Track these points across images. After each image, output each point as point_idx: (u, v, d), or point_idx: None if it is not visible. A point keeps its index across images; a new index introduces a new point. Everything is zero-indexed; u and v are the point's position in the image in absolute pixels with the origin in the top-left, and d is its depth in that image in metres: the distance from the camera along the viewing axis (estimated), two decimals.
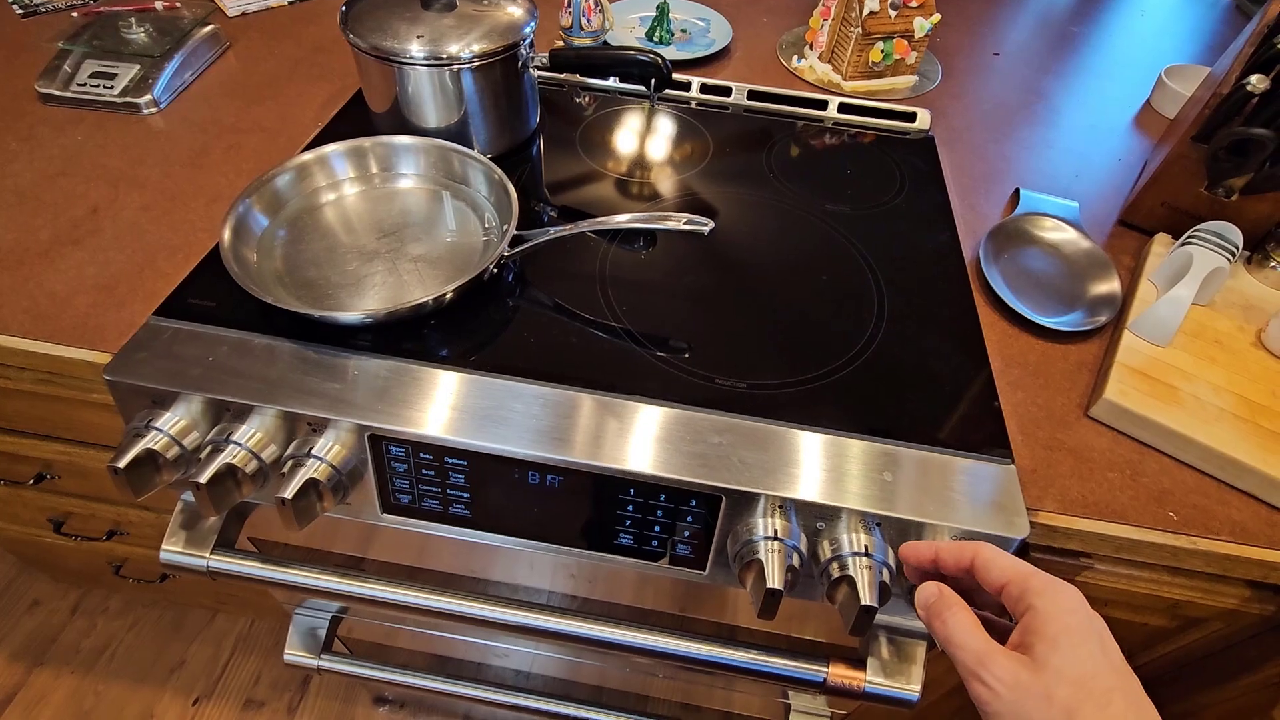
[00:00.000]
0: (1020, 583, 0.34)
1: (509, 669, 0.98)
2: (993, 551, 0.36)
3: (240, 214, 0.61)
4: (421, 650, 0.99)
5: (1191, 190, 0.69)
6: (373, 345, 0.58)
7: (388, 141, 0.69)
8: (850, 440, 0.54)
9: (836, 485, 0.51)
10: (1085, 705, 0.30)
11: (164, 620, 1.29)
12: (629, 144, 0.82)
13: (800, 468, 0.52)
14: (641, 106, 0.88)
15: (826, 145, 0.85)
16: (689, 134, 0.85)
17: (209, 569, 0.59)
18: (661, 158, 0.81)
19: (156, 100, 0.81)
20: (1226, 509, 0.52)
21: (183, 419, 0.54)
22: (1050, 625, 0.32)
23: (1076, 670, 0.31)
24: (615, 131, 0.84)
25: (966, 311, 0.65)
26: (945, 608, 0.36)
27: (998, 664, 0.32)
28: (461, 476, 0.55)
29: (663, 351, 0.59)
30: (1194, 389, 0.56)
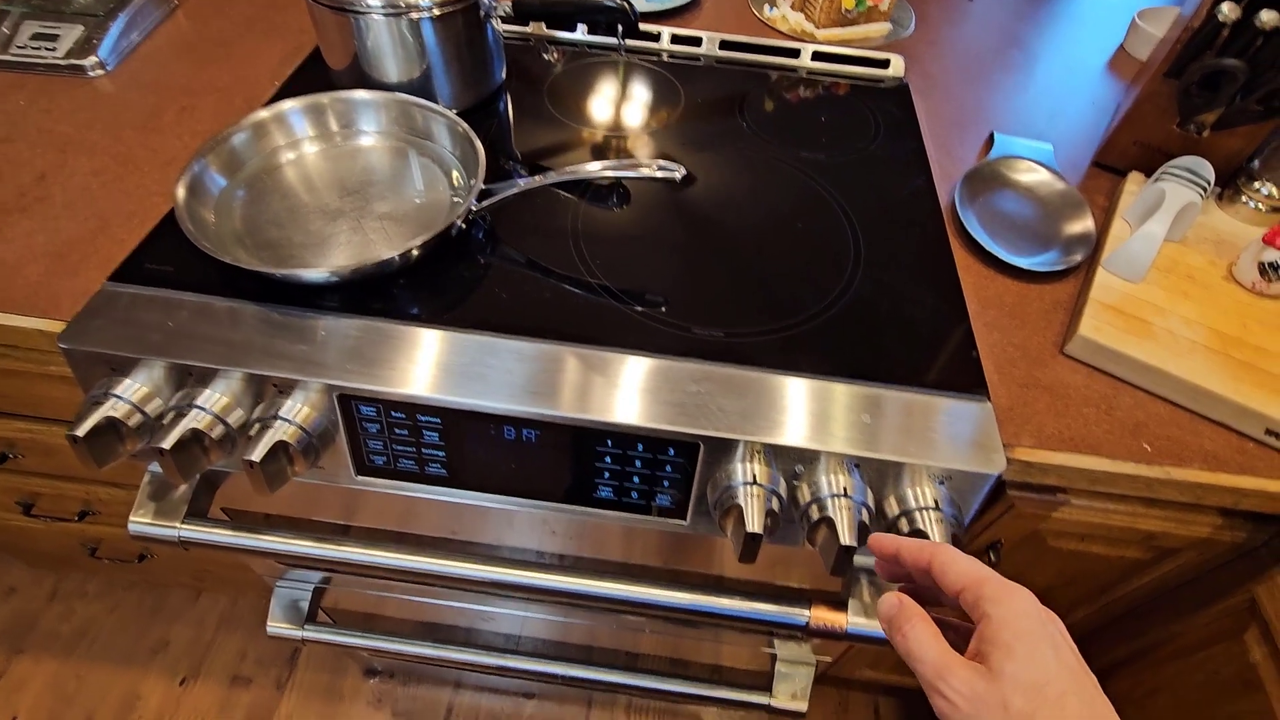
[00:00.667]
0: (975, 589, 0.34)
1: (498, 633, 0.98)
2: (949, 555, 0.36)
3: (196, 173, 0.59)
4: (410, 619, 0.98)
5: (1164, 128, 0.69)
6: (341, 305, 0.56)
7: (347, 97, 0.66)
8: (828, 384, 0.53)
9: (814, 429, 0.51)
10: (1040, 711, 0.30)
11: (144, 602, 1.28)
12: (599, 98, 0.80)
13: (778, 413, 0.51)
14: (611, 60, 0.86)
15: (800, 94, 0.84)
16: (660, 86, 0.83)
17: (180, 539, 0.58)
18: (633, 111, 0.79)
19: (103, 62, 0.77)
20: (1199, 439, 0.53)
21: (144, 386, 0.53)
22: (1004, 632, 0.32)
23: (1030, 676, 0.31)
24: (585, 86, 0.82)
25: (942, 255, 0.64)
26: (905, 620, 0.35)
27: (956, 676, 0.32)
28: (436, 434, 0.54)
29: (638, 303, 0.58)
30: (1167, 323, 0.56)
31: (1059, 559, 0.64)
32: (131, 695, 1.18)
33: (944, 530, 0.48)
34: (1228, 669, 0.59)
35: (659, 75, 0.84)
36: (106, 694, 1.18)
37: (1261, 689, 0.56)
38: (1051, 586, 0.69)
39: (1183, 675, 0.64)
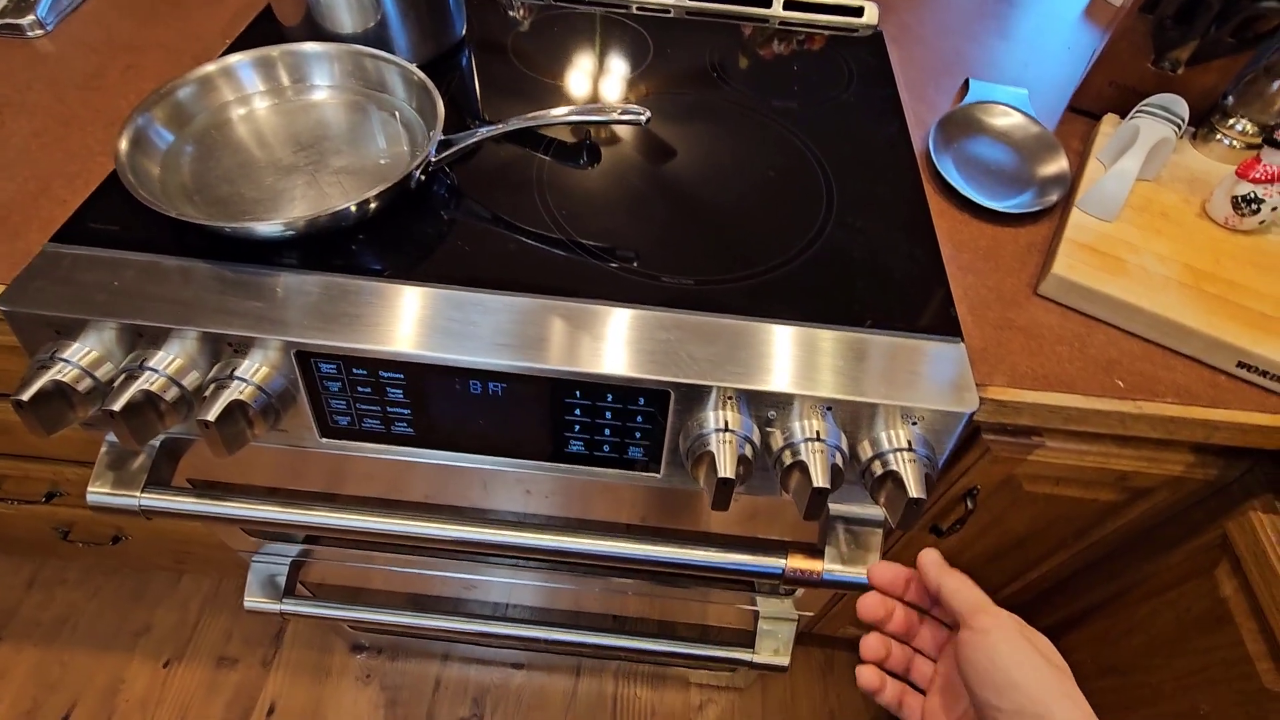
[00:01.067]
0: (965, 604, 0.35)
1: (486, 601, 0.98)
2: (950, 579, 0.37)
3: (139, 126, 0.56)
4: (396, 590, 0.98)
5: (1139, 67, 0.68)
6: (299, 262, 0.54)
7: (297, 49, 0.63)
8: (799, 329, 0.52)
9: (786, 374, 0.50)
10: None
11: (125, 587, 1.26)
12: (566, 52, 0.78)
13: (750, 359, 0.50)
14: (578, 13, 0.83)
15: (772, 45, 0.82)
16: (629, 39, 0.80)
17: (141, 508, 0.56)
18: (600, 64, 0.77)
19: (41, 21, 0.74)
20: (1171, 373, 0.53)
21: (93, 349, 0.51)
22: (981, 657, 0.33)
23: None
24: (551, 40, 0.79)
25: (916, 200, 0.63)
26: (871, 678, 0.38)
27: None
28: (400, 391, 0.52)
29: (605, 254, 0.56)
30: (1140, 260, 0.56)
31: (1035, 504, 0.64)
32: (116, 680, 1.17)
33: (917, 471, 0.48)
34: (1199, 605, 0.60)
35: (628, 28, 0.82)
36: (91, 679, 1.17)
37: (1232, 622, 0.56)
38: (1029, 533, 0.70)
39: (1156, 614, 0.65)
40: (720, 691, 1.21)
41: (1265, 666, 0.54)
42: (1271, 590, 0.53)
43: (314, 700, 1.17)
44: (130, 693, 1.16)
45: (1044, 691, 0.30)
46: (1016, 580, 0.80)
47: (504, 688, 1.20)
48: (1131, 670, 0.67)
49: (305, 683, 1.18)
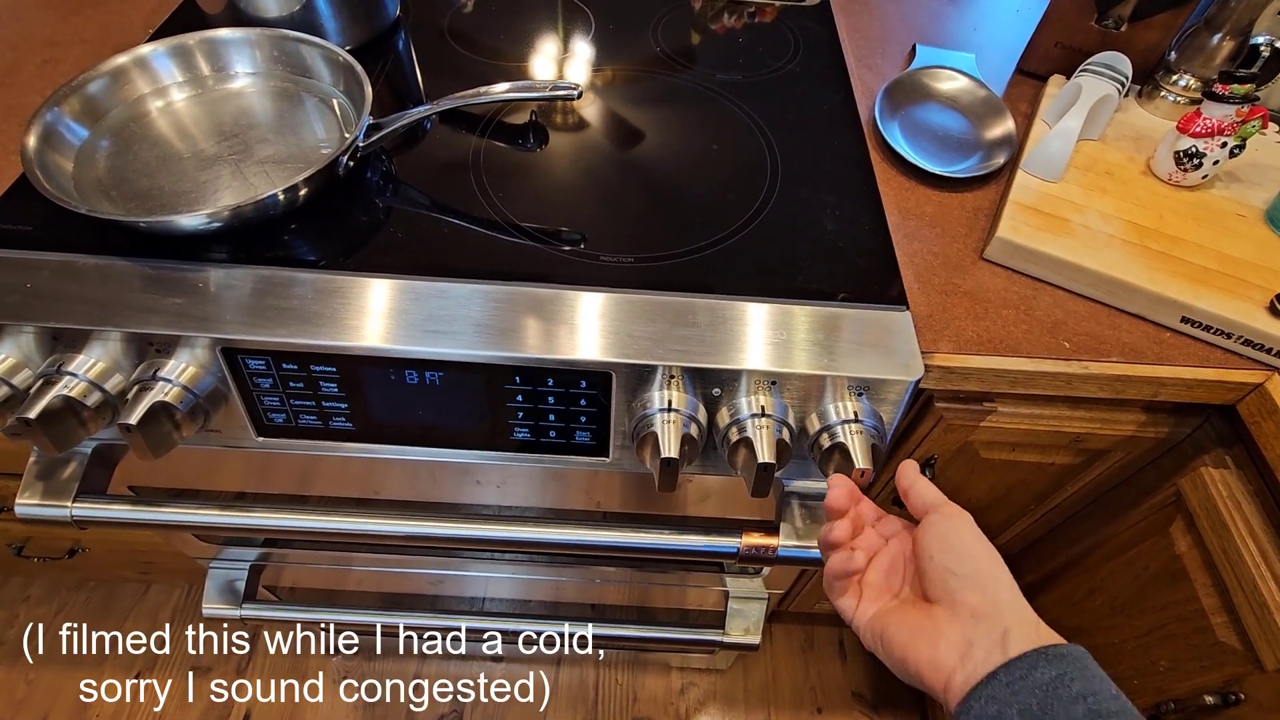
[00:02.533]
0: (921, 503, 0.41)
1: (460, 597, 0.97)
2: (919, 485, 0.42)
3: (49, 121, 0.53)
4: (368, 590, 0.96)
5: (1083, 26, 0.67)
6: (228, 256, 0.52)
7: (214, 36, 0.61)
8: (742, 304, 0.51)
9: (729, 349, 0.49)
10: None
11: (92, 601, 1.23)
12: (505, 30, 0.76)
13: (692, 336, 0.49)
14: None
15: (717, 17, 0.80)
16: (570, 14, 0.78)
17: (73, 518, 0.54)
18: (541, 42, 0.75)
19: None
20: (1117, 333, 0.52)
21: (8, 355, 0.49)
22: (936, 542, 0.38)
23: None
24: (490, 18, 0.77)
25: (862, 168, 0.62)
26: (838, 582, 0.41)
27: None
28: (334, 385, 0.50)
29: (543, 236, 0.55)
30: (1085, 219, 0.55)
31: (993, 471, 0.64)
32: (86, 694, 1.14)
33: (864, 442, 0.47)
34: (1155, 563, 0.60)
35: (571, 5, 0.79)
36: (59, 695, 1.14)
37: (1186, 578, 0.56)
38: (990, 502, 0.69)
39: (1115, 574, 0.65)
40: (702, 674, 1.21)
41: (1219, 620, 0.54)
42: (1223, 544, 0.53)
43: (291, 704, 1.15)
44: (102, 707, 1.14)
45: (994, 562, 0.36)
46: None
47: (485, 682, 1.19)
48: (1094, 631, 0.68)
49: (282, 687, 1.16)
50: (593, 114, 0.67)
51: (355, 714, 1.14)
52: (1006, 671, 0.32)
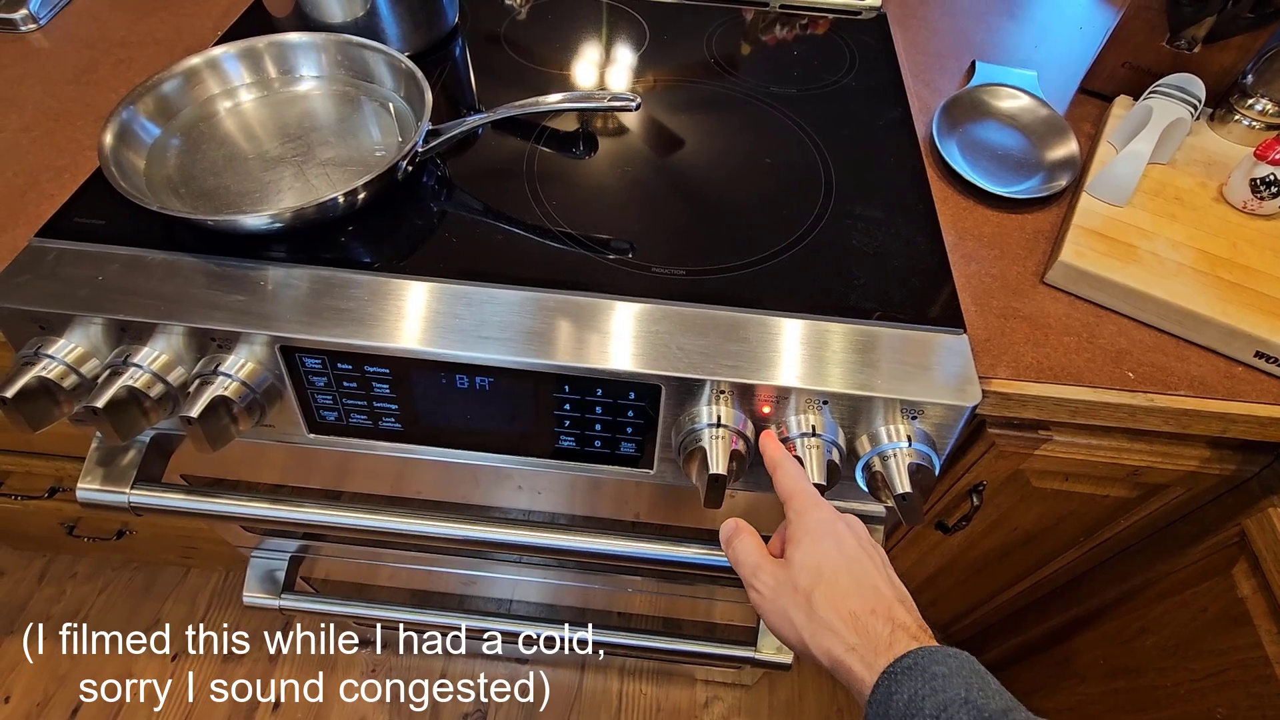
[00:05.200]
0: (787, 498, 0.42)
1: (489, 598, 0.97)
2: (784, 471, 0.44)
3: (124, 120, 0.55)
4: (399, 586, 0.97)
5: (1153, 46, 0.65)
6: (287, 255, 0.53)
7: (282, 40, 0.63)
8: (794, 320, 0.51)
9: (780, 367, 0.48)
10: (818, 587, 0.37)
11: (135, 581, 1.27)
12: (561, 39, 0.76)
13: (743, 352, 0.49)
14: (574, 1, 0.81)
15: (772, 29, 0.80)
16: (626, 26, 0.79)
17: (130, 504, 0.56)
18: (596, 51, 0.75)
19: (34, 16, 0.73)
20: (1185, 364, 0.50)
21: (78, 345, 0.50)
22: (798, 530, 0.40)
23: (812, 561, 0.39)
24: (546, 27, 0.78)
25: (918, 186, 0.61)
26: (735, 536, 0.43)
27: (764, 570, 0.40)
28: (386, 386, 0.51)
29: (595, 245, 0.55)
30: (1153, 246, 0.54)
31: (1044, 500, 0.62)
32: (124, 673, 1.18)
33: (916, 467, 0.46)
34: (1215, 605, 0.58)
35: (624, 14, 0.80)
36: (99, 672, 1.18)
37: (1249, 623, 0.54)
38: (1039, 531, 0.68)
39: (1170, 614, 0.63)
40: (726, 688, 1.20)
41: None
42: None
43: (319, 695, 1.17)
44: (138, 686, 1.17)
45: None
46: (1025, 578, 0.78)
47: (509, 683, 1.19)
48: (1144, 671, 0.65)
49: (311, 677, 1.18)
50: (646, 124, 0.67)
51: (382, 707, 1.16)
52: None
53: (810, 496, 0.42)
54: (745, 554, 0.42)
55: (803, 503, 0.41)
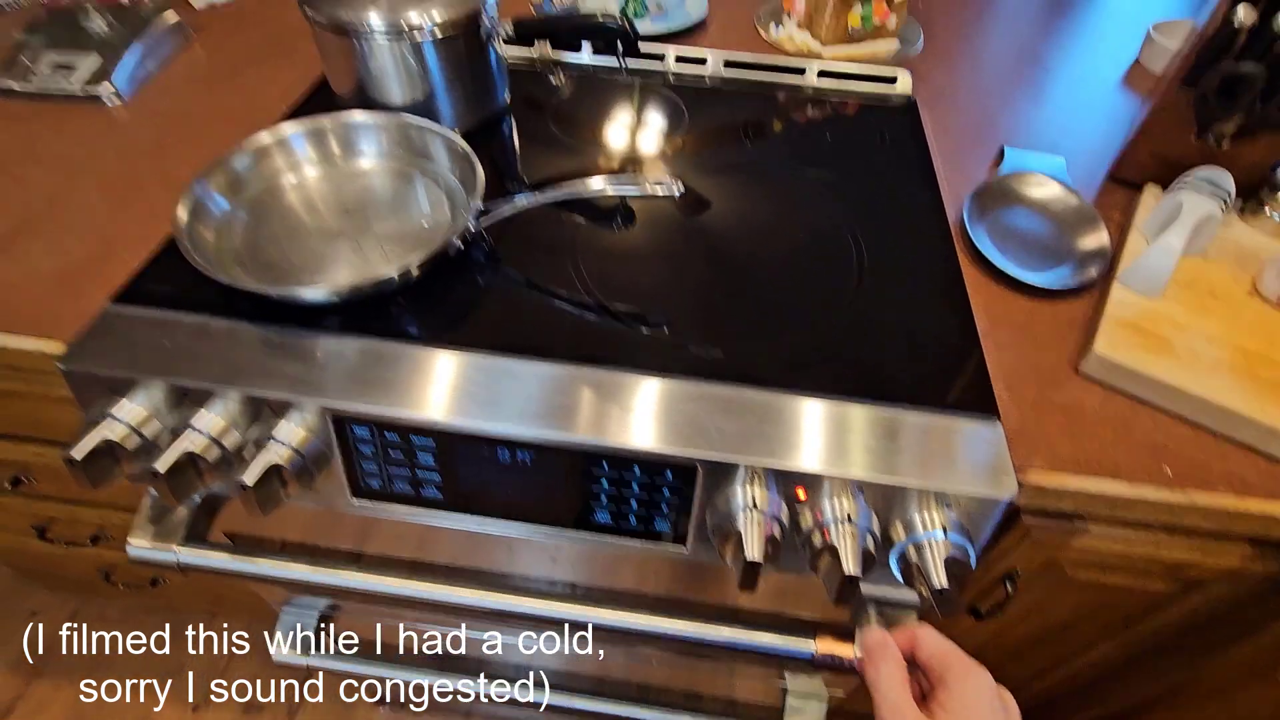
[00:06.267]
0: (941, 659, 0.40)
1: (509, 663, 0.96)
2: (928, 633, 0.41)
3: (197, 195, 0.59)
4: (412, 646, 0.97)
5: (1182, 139, 0.67)
6: (340, 326, 0.56)
7: (346, 119, 0.67)
8: (829, 404, 0.52)
9: (816, 451, 0.49)
10: None
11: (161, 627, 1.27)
12: (604, 119, 0.80)
13: (778, 434, 0.50)
14: (617, 82, 0.86)
15: (806, 112, 0.83)
16: (666, 107, 0.83)
17: (179, 563, 0.57)
18: (637, 130, 0.79)
19: (118, 91, 0.79)
20: (1225, 462, 0.50)
21: (141, 407, 0.53)
22: (955, 701, 0.38)
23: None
24: (589, 106, 0.82)
25: (950, 271, 0.63)
26: (881, 657, 0.41)
27: (908, 718, 0.37)
28: (430, 456, 0.53)
29: (635, 322, 0.57)
30: (1188, 340, 0.54)
31: (1079, 590, 0.61)
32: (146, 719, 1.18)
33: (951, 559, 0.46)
34: (1263, 710, 0.56)
35: (664, 96, 0.84)
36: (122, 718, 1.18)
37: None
38: (1073, 619, 0.66)
39: (1213, 717, 0.60)
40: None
41: None
42: None
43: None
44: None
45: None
46: (1059, 667, 0.75)
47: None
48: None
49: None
50: (684, 201, 0.69)
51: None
52: None
53: (966, 662, 0.40)
54: (889, 688, 0.39)
55: (963, 668, 0.39)
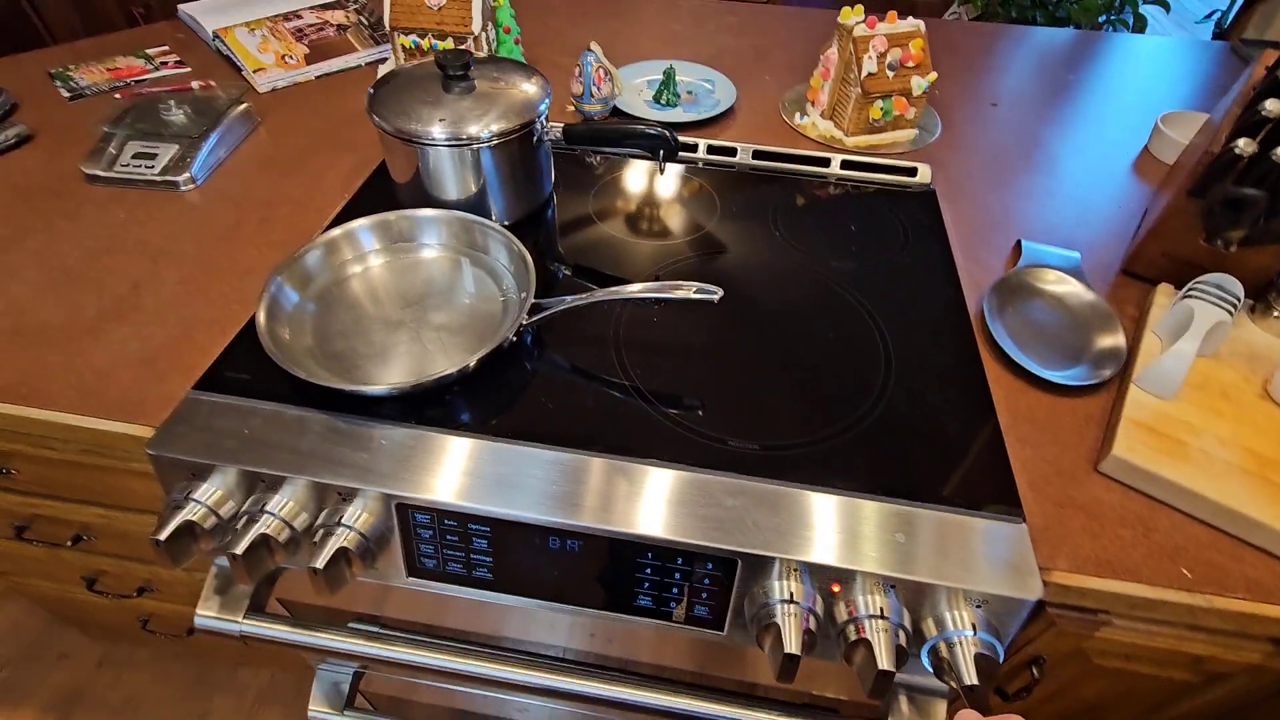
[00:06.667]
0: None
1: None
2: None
3: (273, 293, 0.64)
4: (443, 705, 0.99)
5: (1191, 242, 0.70)
6: (398, 414, 0.60)
7: (412, 215, 0.72)
8: (862, 501, 0.55)
9: (849, 547, 0.52)
10: None
11: (188, 673, 1.30)
12: (640, 205, 0.86)
13: (813, 530, 0.53)
14: (651, 167, 0.91)
15: (830, 201, 0.88)
16: (697, 194, 0.88)
17: (241, 634, 0.61)
18: (671, 218, 0.84)
19: (194, 177, 0.86)
20: (1241, 565, 0.53)
21: (219, 489, 0.57)
22: None
23: None
24: (626, 193, 0.87)
25: (973, 367, 0.66)
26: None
27: None
28: (484, 541, 0.56)
29: (677, 414, 0.61)
30: (1202, 443, 0.57)
31: (1104, 677, 0.63)
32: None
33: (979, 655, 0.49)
34: None
35: (696, 185, 0.89)
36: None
37: None
38: (1099, 703, 0.68)
39: None
40: None
41: None
42: None
43: None
44: None
45: None
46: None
47: None
48: None
49: None
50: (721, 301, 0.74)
51: None
52: None
53: None
54: None
55: None
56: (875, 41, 0.89)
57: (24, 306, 0.70)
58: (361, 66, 1.11)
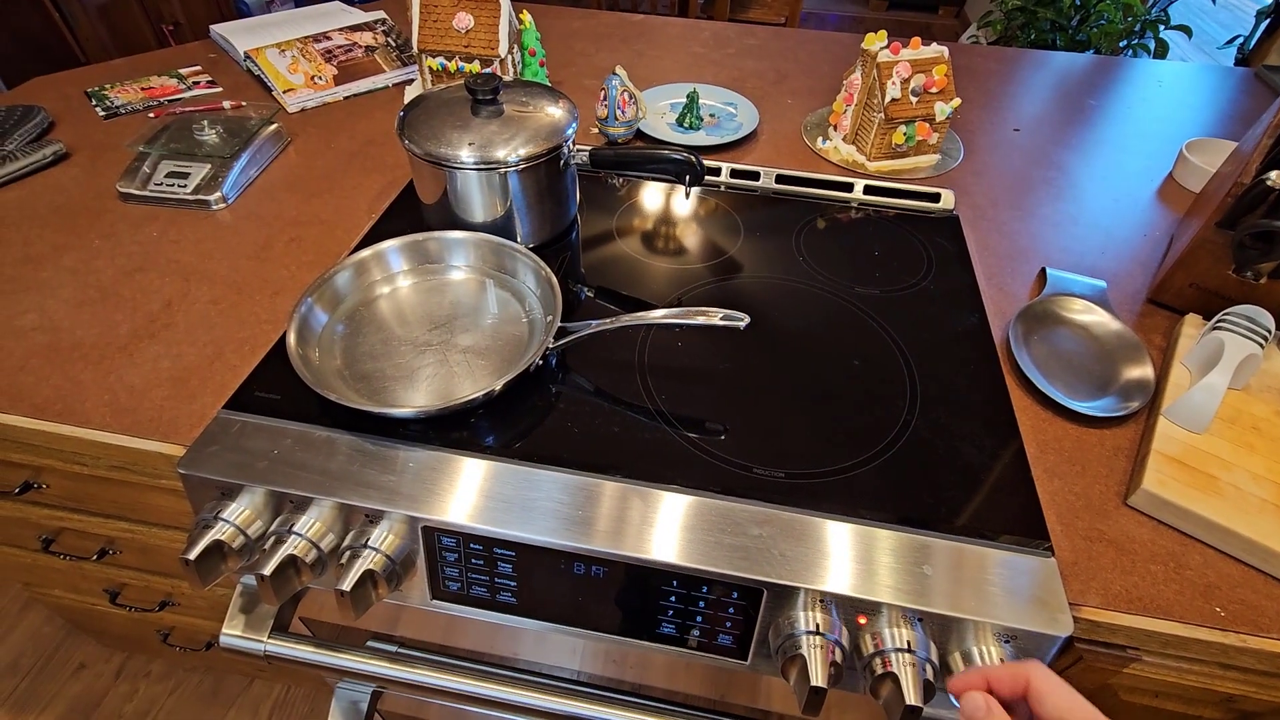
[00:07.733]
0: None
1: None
2: (1046, 680, 0.38)
3: (303, 314, 0.65)
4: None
5: (1219, 273, 0.70)
6: (424, 436, 0.61)
7: (440, 237, 0.73)
8: (888, 532, 0.55)
9: (876, 579, 0.52)
10: None
11: (203, 685, 1.31)
12: (664, 228, 0.86)
13: (840, 561, 0.53)
14: (675, 190, 0.92)
15: (854, 226, 0.88)
16: (721, 218, 0.88)
17: (265, 653, 0.61)
18: (695, 241, 0.85)
19: (225, 196, 0.87)
20: (1275, 603, 0.52)
21: (247, 509, 0.58)
22: None
23: None
24: (651, 216, 0.88)
25: (999, 396, 0.66)
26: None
27: None
28: (509, 566, 0.57)
29: (701, 441, 0.61)
30: (1233, 478, 0.56)
31: (1132, 713, 0.62)
32: None
33: None
34: None
35: (720, 208, 0.90)
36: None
37: None
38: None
39: None
40: None
41: None
42: None
43: None
44: None
45: None
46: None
47: None
48: None
49: None
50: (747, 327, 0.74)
51: None
52: None
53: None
54: None
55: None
56: (899, 67, 0.90)
57: (60, 324, 0.71)
58: (389, 87, 1.13)
